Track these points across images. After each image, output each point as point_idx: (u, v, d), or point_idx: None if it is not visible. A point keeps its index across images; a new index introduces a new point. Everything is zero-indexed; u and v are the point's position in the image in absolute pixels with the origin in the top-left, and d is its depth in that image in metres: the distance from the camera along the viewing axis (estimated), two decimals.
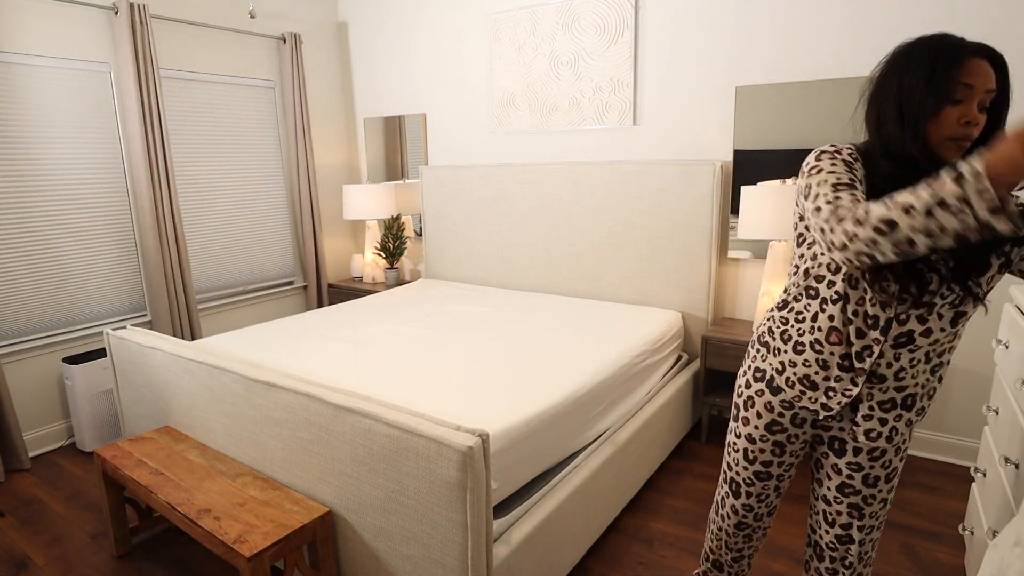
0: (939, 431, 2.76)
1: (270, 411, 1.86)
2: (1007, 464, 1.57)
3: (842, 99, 2.67)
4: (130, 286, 3.36)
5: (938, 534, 2.24)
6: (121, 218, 3.28)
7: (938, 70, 1.06)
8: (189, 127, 3.55)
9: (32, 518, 2.48)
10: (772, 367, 1.33)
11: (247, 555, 1.55)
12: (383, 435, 1.56)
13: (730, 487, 1.49)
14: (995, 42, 2.37)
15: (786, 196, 2.49)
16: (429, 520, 1.53)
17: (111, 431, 3.07)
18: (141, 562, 2.20)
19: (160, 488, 1.89)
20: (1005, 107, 1.12)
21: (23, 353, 2.96)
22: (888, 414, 1.26)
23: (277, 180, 4.08)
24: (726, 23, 2.91)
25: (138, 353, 2.37)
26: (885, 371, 1.21)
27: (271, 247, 4.09)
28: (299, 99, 3.98)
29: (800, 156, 2.80)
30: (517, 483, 1.81)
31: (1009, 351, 1.73)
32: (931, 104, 1.07)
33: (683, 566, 2.10)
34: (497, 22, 3.59)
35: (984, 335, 2.59)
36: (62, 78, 3.00)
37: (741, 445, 1.43)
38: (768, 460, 1.41)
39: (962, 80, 1.05)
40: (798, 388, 1.29)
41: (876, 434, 1.28)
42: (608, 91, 3.29)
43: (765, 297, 2.73)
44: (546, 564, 1.85)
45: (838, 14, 2.65)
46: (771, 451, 1.39)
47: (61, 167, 3.02)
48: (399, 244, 4.05)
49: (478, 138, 3.84)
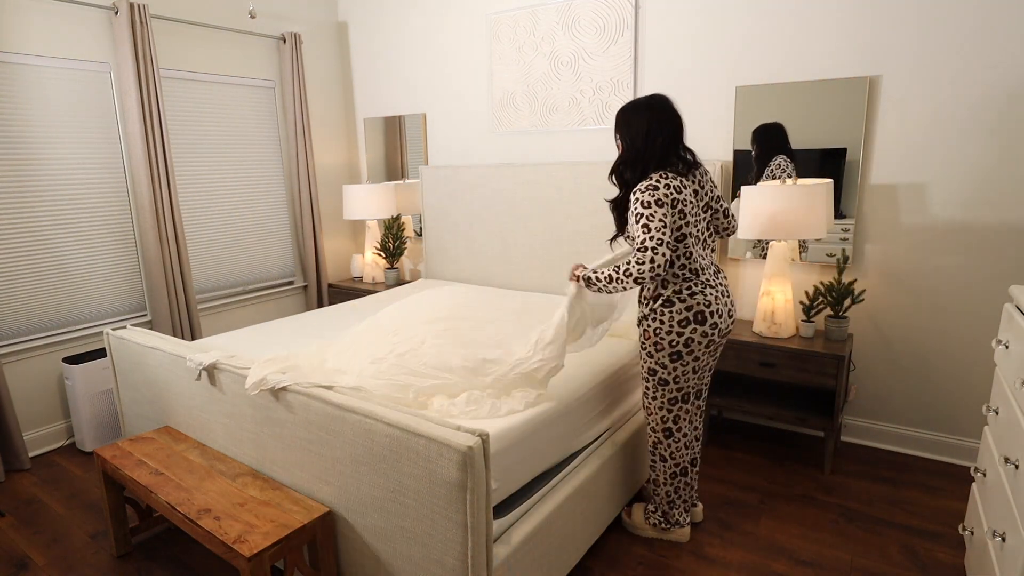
0: (939, 431, 2.76)
1: (270, 411, 1.86)
2: (1007, 464, 1.57)
3: (842, 99, 2.67)
4: (130, 286, 3.36)
5: (938, 534, 2.24)
6: (121, 218, 3.28)
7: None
8: (189, 127, 3.55)
9: (32, 518, 2.48)
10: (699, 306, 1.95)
11: (247, 555, 1.55)
12: (383, 435, 1.56)
13: (681, 400, 2.06)
14: (989, 40, 2.38)
15: (786, 196, 2.49)
16: (429, 520, 1.53)
17: (111, 431, 3.07)
18: (141, 562, 2.20)
19: (160, 488, 1.89)
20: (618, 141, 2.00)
21: (23, 353, 2.96)
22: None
23: (277, 180, 4.08)
24: (726, 23, 2.91)
25: (138, 353, 2.37)
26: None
27: (271, 247, 4.09)
28: (299, 99, 3.98)
29: (800, 156, 2.80)
30: (517, 483, 1.81)
31: (1009, 351, 1.73)
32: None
33: (683, 566, 2.10)
34: (497, 22, 3.59)
35: (984, 335, 2.59)
36: (62, 78, 3.00)
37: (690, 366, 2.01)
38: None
39: None
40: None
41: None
42: (608, 91, 3.29)
43: (765, 297, 2.73)
44: (546, 564, 1.85)
45: (838, 14, 2.65)
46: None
47: (61, 167, 3.02)
48: (399, 244, 4.05)
49: (478, 138, 3.84)
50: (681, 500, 2.19)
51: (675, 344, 1.95)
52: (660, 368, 2.01)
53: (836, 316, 2.66)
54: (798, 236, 2.53)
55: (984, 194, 2.50)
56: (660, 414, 2.08)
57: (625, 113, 1.97)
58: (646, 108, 1.92)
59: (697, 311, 1.91)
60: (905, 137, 2.61)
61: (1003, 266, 2.51)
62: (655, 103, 1.92)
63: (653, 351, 1.99)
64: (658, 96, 1.94)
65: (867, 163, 2.70)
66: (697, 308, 1.91)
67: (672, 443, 2.11)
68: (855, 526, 2.31)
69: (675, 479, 2.15)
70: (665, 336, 1.95)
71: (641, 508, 2.30)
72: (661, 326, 1.95)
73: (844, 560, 2.12)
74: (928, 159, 2.58)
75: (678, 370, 1.99)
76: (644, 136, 1.89)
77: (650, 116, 1.90)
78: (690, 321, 1.92)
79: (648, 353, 2.02)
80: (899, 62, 2.57)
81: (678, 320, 1.92)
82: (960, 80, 2.47)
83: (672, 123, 1.91)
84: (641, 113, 1.92)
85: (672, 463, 2.13)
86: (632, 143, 1.93)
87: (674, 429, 2.09)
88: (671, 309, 1.92)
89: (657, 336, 1.96)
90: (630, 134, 1.94)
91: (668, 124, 1.90)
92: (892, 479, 2.62)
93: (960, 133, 2.51)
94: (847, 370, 2.67)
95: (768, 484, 2.61)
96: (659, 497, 2.20)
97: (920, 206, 2.63)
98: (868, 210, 2.74)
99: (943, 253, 2.62)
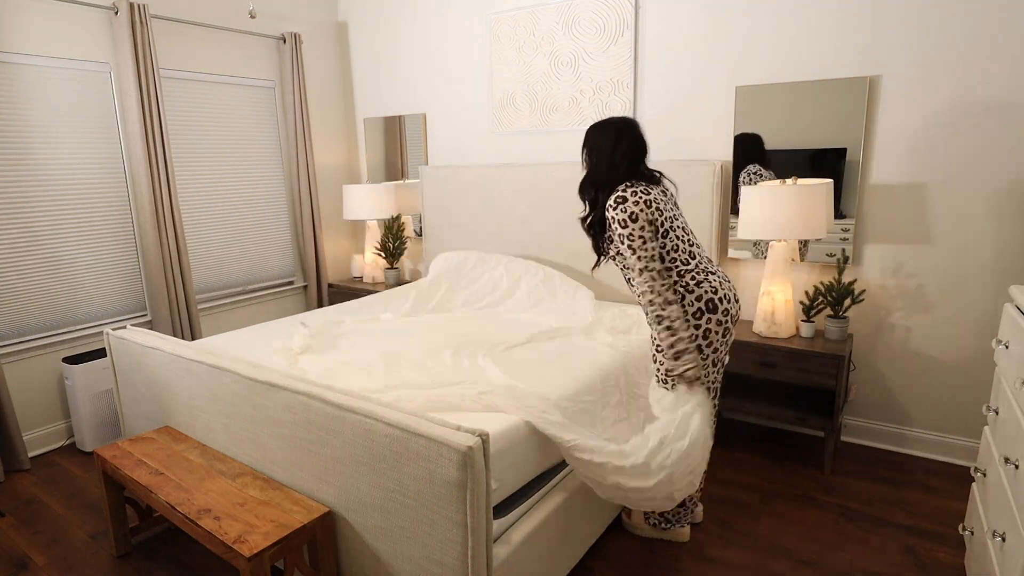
0: (939, 431, 2.76)
1: (270, 411, 1.86)
2: (1007, 464, 1.57)
3: (842, 99, 2.67)
4: (130, 286, 3.36)
5: (938, 534, 2.24)
6: (121, 218, 3.28)
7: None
8: (189, 127, 3.55)
9: (32, 518, 2.48)
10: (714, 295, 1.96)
11: (247, 555, 1.55)
12: (383, 435, 1.56)
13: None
14: (989, 39, 2.38)
15: (786, 196, 2.49)
16: (429, 520, 1.53)
17: (111, 431, 3.07)
18: (141, 562, 2.20)
19: (160, 488, 1.89)
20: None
21: (23, 353, 2.96)
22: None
23: (277, 180, 4.08)
24: (726, 23, 2.91)
25: (138, 353, 2.37)
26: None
27: (271, 247, 4.09)
28: (299, 99, 3.98)
29: (800, 156, 2.80)
30: (517, 483, 1.81)
31: (1009, 351, 1.73)
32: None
33: (683, 566, 2.10)
34: (497, 22, 3.59)
35: (984, 335, 2.59)
36: (62, 78, 3.00)
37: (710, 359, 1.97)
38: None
39: None
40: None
41: None
42: (608, 91, 3.29)
43: (765, 297, 2.73)
44: (546, 564, 1.85)
45: (838, 14, 2.65)
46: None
47: (61, 167, 3.02)
48: (399, 244, 4.05)
49: (478, 138, 3.84)
50: (688, 500, 2.17)
51: (695, 339, 1.92)
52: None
53: (836, 316, 2.66)
54: (798, 236, 2.53)
55: (984, 194, 2.50)
56: None
57: (595, 130, 2.00)
58: (615, 128, 1.96)
59: (708, 299, 1.91)
60: (905, 137, 2.61)
61: (1003, 266, 2.51)
62: (625, 125, 1.97)
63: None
64: (628, 119, 2.00)
65: (867, 163, 2.70)
66: (707, 296, 1.91)
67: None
68: (855, 526, 2.31)
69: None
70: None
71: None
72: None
73: (844, 560, 2.12)
74: (928, 159, 2.58)
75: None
76: (610, 155, 1.93)
77: (618, 135, 1.94)
78: (704, 311, 1.91)
79: (666, 355, 1.94)
80: (899, 62, 2.57)
81: (692, 313, 1.91)
82: (960, 80, 2.47)
83: (637, 145, 1.96)
84: (611, 132, 1.96)
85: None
86: (598, 161, 1.96)
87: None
88: (682, 303, 1.91)
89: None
90: (597, 151, 1.96)
91: (635, 145, 1.95)
92: (892, 479, 2.62)
93: (960, 133, 2.51)
94: (847, 370, 2.67)
95: (768, 484, 2.61)
96: None
97: (920, 206, 2.63)
98: (868, 210, 2.74)
99: (943, 253, 2.62)
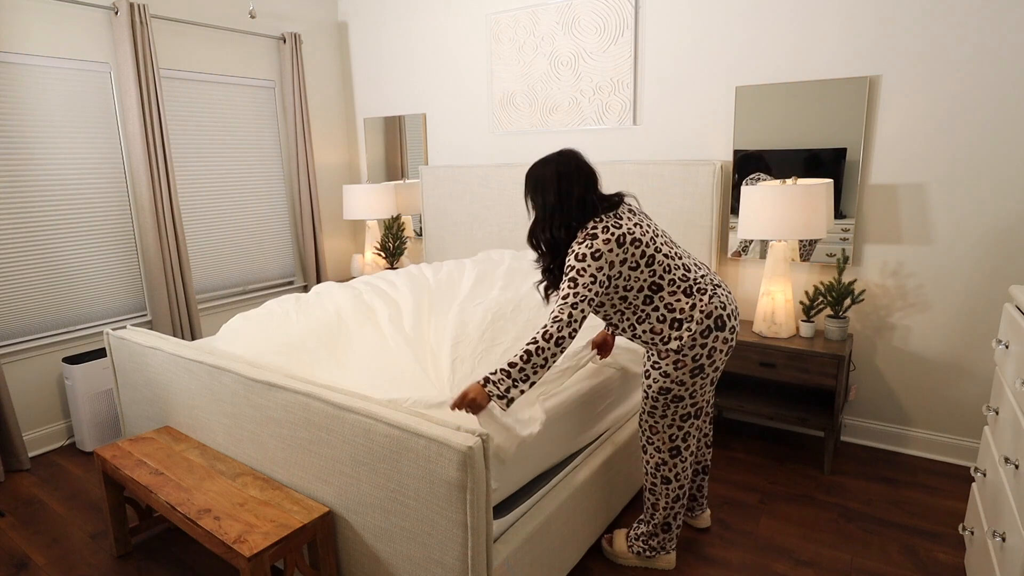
0: (939, 431, 2.76)
1: (270, 411, 1.86)
2: (1007, 464, 1.57)
3: (842, 99, 2.67)
4: (130, 286, 3.36)
5: (938, 534, 2.24)
6: (121, 218, 3.28)
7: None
8: (189, 127, 3.55)
9: (32, 518, 2.48)
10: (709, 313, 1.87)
11: (247, 555, 1.55)
12: (383, 435, 1.56)
13: (694, 415, 1.94)
14: (990, 39, 2.38)
15: (786, 196, 2.49)
16: (429, 520, 1.53)
17: (111, 431, 3.07)
18: (141, 562, 2.20)
19: (160, 488, 1.89)
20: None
21: (23, 353, 2.96)
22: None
23: (277, 180, 4.08)
24: (726, 23, 2.91)
25: (138, 353, 2.37)
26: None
27: (271, 247, 4.09)
28: (299, 99, 3.98)
29: (800, 156, 2.80)
30: (517, 483, 1.81)
31: (1009, 351, 1.73)
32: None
33: (683, 566, 2.10)
34: (497, 22, 3.59)
35: (984, 335, 2.59)
36: (62, 78, 3.00)
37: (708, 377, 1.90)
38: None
39: None
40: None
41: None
42: (608, 91, 3.29)
43: (765, 297, 2.73)
44: (546, 564, 1.85)
45: (838, 14, 2.65)
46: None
47: (61, 167, 3.02)
48: (399, 244, 4.05)
49: (478, 138, 3.84)
50: (676, 525, 2.06)
51: (699, 358, 1.81)
52: (677, 386, 1.85)
53: (836, 316, 2.66)
54: (798, 236, 2.53)
55: (984, 194, 2.50)
56: (669, 432, 1.94)
57: (534, 171, 1.86)
58: (554, 162, 1.84)
59: (717, 316, 1.81)
60: (905, 137, 2.61)
61: (1003, 266, 2.51)
62: (563, 157, 1.84)
63: (671, 370, 1.83)
64: (566, 150, 1.87)
65: (867, 163, 2.70)
66: (716, 313, 1.81)
67: (679, 462, 1.97)
68: (855, 526, 2.31)
69: (676, 503, 2.01)
70: (688, 351, 1.80)
71: (623, 535, 2.15)
72: (683, 343, 1.80)
73: (844, 560, 2.12)
74: (928, 159, 2.58)
75: (696, 384, 1.85)
76: (556, 192, 1.80)
77: (559, 169, 1.81)
78: (712, 329, 1.80)
79: (663, 372, 1.84)
80: (899, 62, 2.57)
81: (700, 331, 1.79)
82: (960, 80, 2.47)
83: (582, 172, 1.82)
84: (550, 167, 1.83)
85: (676, 484, 1.99)
86: (544, 199, 1.82)
87: (682, 447, 1.96)
88: (691, 322, 1.79)
89: (679, 354, 1.80)
90: (543, 189, 1.82)
91: (579, 174, 1.82)
92: (892, 479, 2.62)
93: (960, 133, 2.51)
94: (847, 370, 2.67)
95: (768, 484, 2.61)
96: (654, 522, 2.05)
97: (920, 206, 2.63)
98: (868, 210, 2.74)
99: (942, 253, 2.62)
